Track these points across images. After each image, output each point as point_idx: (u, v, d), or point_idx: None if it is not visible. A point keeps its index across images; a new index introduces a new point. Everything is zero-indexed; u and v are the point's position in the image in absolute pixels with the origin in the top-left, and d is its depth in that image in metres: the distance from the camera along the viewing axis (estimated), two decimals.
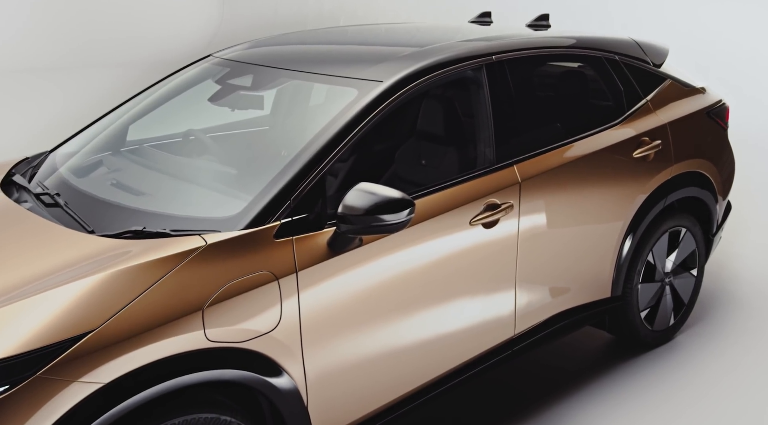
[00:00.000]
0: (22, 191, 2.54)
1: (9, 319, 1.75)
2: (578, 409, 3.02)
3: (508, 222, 2.68)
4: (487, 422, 2.94)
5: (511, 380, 3.25)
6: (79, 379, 1.72)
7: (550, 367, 3.36)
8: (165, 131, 3.08)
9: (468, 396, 3.12)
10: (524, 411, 3.01)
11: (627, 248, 3.19)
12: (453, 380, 2.64)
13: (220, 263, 1.98)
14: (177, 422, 1.91)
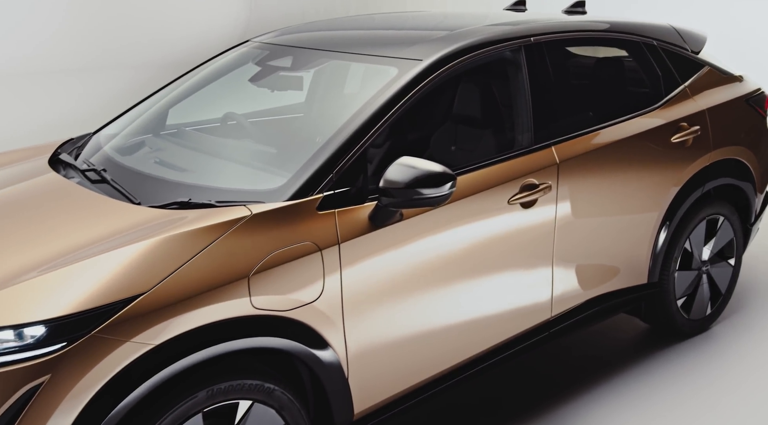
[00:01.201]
0: (69, 168, 2.60)
1: (65, 281, 1.80)
2: (610, 397, 2.99)
3: (546, 203, 2.68)
4: (517, 407, 2.93)
5: (543, 366, 3.24)
6: (131, 339, 1.76)
7: (583, 354, 3.34)
8: (205, 114, 3.13)
9: (498, 380, 3.11)
10: (555, 396, 2.99)
11: (664, 234, 3.17)
12: (489, 360, 2.64)
13: (265, 233, 2.01)
14: (223, 387, 1.94)
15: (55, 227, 2.09)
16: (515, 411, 2.89)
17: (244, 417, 2.01)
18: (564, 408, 2.92)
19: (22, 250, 1.95)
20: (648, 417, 2.87)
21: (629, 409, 2.92)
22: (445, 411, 2.91)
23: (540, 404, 2.94)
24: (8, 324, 1.70)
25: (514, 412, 2.89)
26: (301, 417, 2.13)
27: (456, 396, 2.98)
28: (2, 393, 1.66)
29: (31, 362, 1.68)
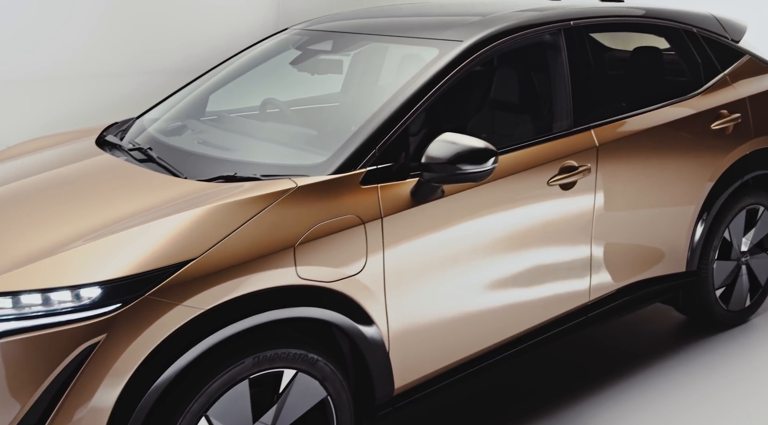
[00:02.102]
0: (115, 148, 2.67)
1: (119, 245, 1.85)
2: (643, 387, 2.96)
3: (586, 185, 2.67)
4: (549, 394, 2.92)
5: (576, 355, 3.22)
6: (182, 303, 1.80)
7: (616, 345, 3.32)
8: (245, 100, 3.18)
9: (530, 368, 3.11)
10: (587, 386, 2.97)
11: (702, 223, 3.14)
12: (528, 341, 2.64)
13: (310, 205, 2.04)
14: (269, 355, 1.98)
15: (108, 198, 2.15)
16: (547, 399, 2.88)
17: (288, 386, 2.04)
18: (595, 397, 2.89)
19: (77, 218, 2.01)
20: (682, 408, 2.82)
21: (662, 399, 2.88)
22: (477, 397, 2.92)
23: (571, 393, 2.92)
24: (66, 284, 1.75)
25: (546, 400, 2.87)
26: (343, 389, 2.15)
27: (488, 383, 2.98)
28: (61, 351, 1.72)
29: (87, 321, 1.73)
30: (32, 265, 1.81)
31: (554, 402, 2.86)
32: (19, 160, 2.67)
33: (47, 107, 5.42)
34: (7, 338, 1.71)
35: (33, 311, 1.73)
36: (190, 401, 1.85)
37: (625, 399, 2.88)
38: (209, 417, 1.90)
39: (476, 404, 2.86)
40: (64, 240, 1.89)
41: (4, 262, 1.84)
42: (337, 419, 2.16)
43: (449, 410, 2.82)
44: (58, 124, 4.47)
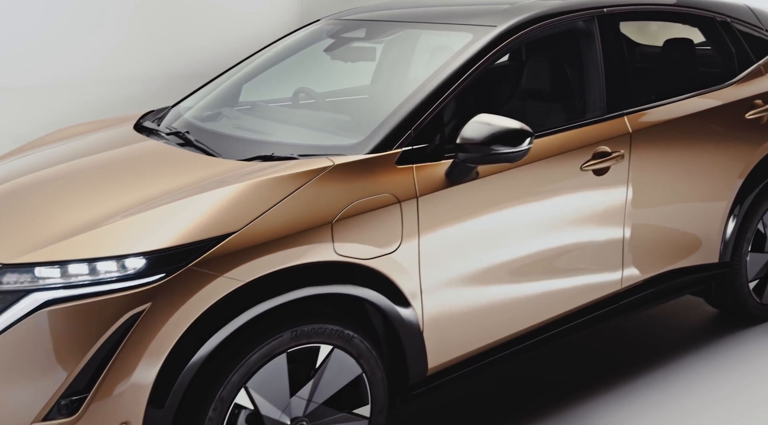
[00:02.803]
0: (153, 133, 2.72)
1: (163, 218, 1.89)
2: (670, 379, 2.92)
3: (619, 171, 2.67)
4: (577, 384, 2.90)
5: (605, 346, 3.20)
6: (224, 274, 1.83)
7: (647, 336, 3.29)
8: (279, 90, 3.22)
9: (559, 357, 3.10)
10: (615, 376, 2.94)
11: (736, 213, 3.11)
12: (560, 327, 2.64)
13: (347, 183, 2.07)
14: (306, 329, 2.00)
15: (149, 176, 2.19)
16: (574, 389, 2.86)
17: (324, 361, 2.06)
18: (622, 388, 2.86)
19: (120, 195, 2.06)
20: (708, 402, 2.77)
21: (689, 393, 2.83)
22: (505, 385, 2.92)
23: (599, 383, 2.89)
24: (112, 254, 1.80)
25: (573, 390, 2.85)
26: (377, 367, 2.17)
27: (516, 371, 2.98)
28: (107, 319, 1.76)
29: (132, 291, 1.77)
30: (79, 236, 1.86)
31: (581, 392, 2.84)
32: (61, 144, 2.73)
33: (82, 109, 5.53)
34: (54, 306, 1.76)
35: (80, 281, 1.78)
36: (230, 372, 1.88)
37: (652, 391, 2.85)
38: (248, 388, 1.93)
39: (504, 392, 2.86)
40: (108, 214, 1.94)
41: (53, 234, 1.89)
42: (372, 397, 2.18)
43: (478, 398, 2.82)
44: None
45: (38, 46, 4.89)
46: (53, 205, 2.07)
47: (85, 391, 1.76)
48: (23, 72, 4.91)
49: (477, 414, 2.72)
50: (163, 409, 1.82)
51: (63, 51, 5.15)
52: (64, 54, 5.17)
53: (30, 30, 4.65)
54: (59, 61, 5.09)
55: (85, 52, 5.44)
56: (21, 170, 2.39)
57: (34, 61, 5.02)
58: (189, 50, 6.64)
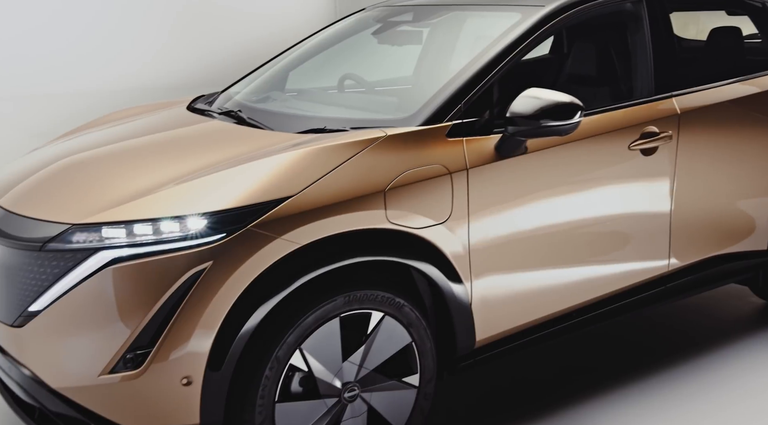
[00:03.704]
0: (205, 114, 2.80)
1: (224, 182, 1.96)
2: (707, 370, 2.87)
3: (667, 152, 2.66)
4: (610, 372, 2.88)
5: (642, 336, 3.18)
6: (281, 236, 1.89)
7: (685, 326, 3.25)
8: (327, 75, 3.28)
9: (595, 345, 3.08)
10: (651, 365, 2.91)
11: None
12: (607, 306, 2.63)
13: (399, 153, 2.11)
14: (359, 295, 2.04)
15: (208, 147, 2.27)
16: (607, 377, 2.84)
17: (375, 328, 2.10)
18: (658, 377, 2.82)
19: (181, 162, 2.13)
20: (741, 396, 2.71)
21: (727, 384, 2.78)
22: (540, 371, 2.92)
23: (634, 372, 2.86)
24: (175, 215, 1.86)
25: (606, 377, 2.83)
26: (426, 336, 2.20)
27: (550, 357, 2.98)
28: (170, 276, 1.82)
29: (194, 250, 1.83)
30: (143, 198, 1.93)
31: (614, 380, 2.81)
32: (119, 124, 2.83)
33: None
34: (120, 263, 1.83)
35: (144, 240, 1.85)
36: (286, 332, 1.93)
37: (689, 382, 2.79)
38: (303, 350, 1.98)
39: (537, 377, 2.87)
40: (170, 179, 2.00)
41: (118, 197, 1.96)
42: (421, 366, 2.21)
43: (511, 383, 2.83)
44: None
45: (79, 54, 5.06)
46: (118, 173, 2.15)
47: (149, 346, 1.83)
48: (69, 79, 5.10)
49: (505, 399, 2.72)
50: (222, 368, 1.87)
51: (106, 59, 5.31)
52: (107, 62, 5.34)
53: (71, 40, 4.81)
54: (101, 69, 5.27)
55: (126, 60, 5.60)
56: (84, 146, 2.48)
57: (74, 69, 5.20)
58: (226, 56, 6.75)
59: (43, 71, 4.76)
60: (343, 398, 2.07)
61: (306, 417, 2.02)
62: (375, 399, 2.14)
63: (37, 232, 1.95)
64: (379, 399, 2.15)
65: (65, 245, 1.88)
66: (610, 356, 3.02)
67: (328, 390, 2.05)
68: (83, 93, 5.36)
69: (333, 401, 2.06)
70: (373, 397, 2.13)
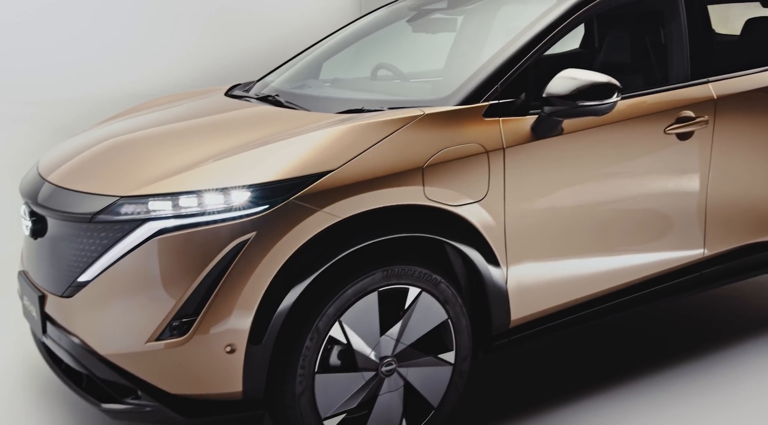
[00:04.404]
0: (243, 100, 2.86)
1: (267, 156, 2.01)
2: (729, 364, 2.82)
3: (703, 136, 2.65)
4: (622, 367, 2.86)
5: (663, 329, 3.16)
6: (322, 209, 1.93)
7: (710, 316, 3.22)
8: (361, 65, 3.32)
9: (618, 336, 3.07)
10: (674, 357, 2.89)
11: None
12: (642, 290, 2.63)
13: (437, 131, 2.14)
14: (396, 270, 2.07)
15: (250, 126, 2.32)
16: (629, 367, 2.82)
17: (412, 304, 2.12)
18: (676, 369, 2.79)
19: (224, 140, 2.18)
20: (761, 392, 2.66)
21: (749, 379, 2.74)
22: (563, 357, 2.91)
23: (647, 365, 2.83)
24: (219, 187, 1.91)
25: (627, 368, 2.82)
26: (462, 314, 2.22)
27: (569, 346, 2.98)
28: (215, 245, 1.87)
29: (238, 220, 1.88)
30: (189, 172, 1.98)
31: (635, 371, 2.78)
32: (159, 110, 2.90)
33: None
34: (167, 234, 1.89)
35: (190, 211, 1.90)
36: (326, 304, 1.97)
37: (714, 374, 2.76)
38: (342, 323, 2.01)
39: (562, 364, 2.87)
40: (214, 154, 2.06)
41: (165, 171, 2.02)
42: (457, 343, 2.23)
43: (529, 371, 2.83)
44: None
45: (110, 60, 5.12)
46: (163, 151, 2.21)
47: (194, 314, 1.88)
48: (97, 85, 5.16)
49: (522, 388, 2.71)
50: (264, 339, 1.91)
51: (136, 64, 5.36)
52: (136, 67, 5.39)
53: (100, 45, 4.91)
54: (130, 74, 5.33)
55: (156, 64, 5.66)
56: (128, 128, 2.55)
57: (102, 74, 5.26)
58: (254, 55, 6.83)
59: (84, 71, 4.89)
60: (380, 372, 2.10)
61: (344, 389, 2.06)
62: (411, 374, 2.16)
63: (86, 205, 2.01)
64: (416, 375, 2.17)
65: (114, 216, 1.94)
66: (633, 347, 3.00)
67: (365, 363, 2.08)
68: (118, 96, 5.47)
69: (370, 374, 2.09)
70: (409, 372, 2.16)
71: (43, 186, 2.22)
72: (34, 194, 2.23)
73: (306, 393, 1.99)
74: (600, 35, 3.30)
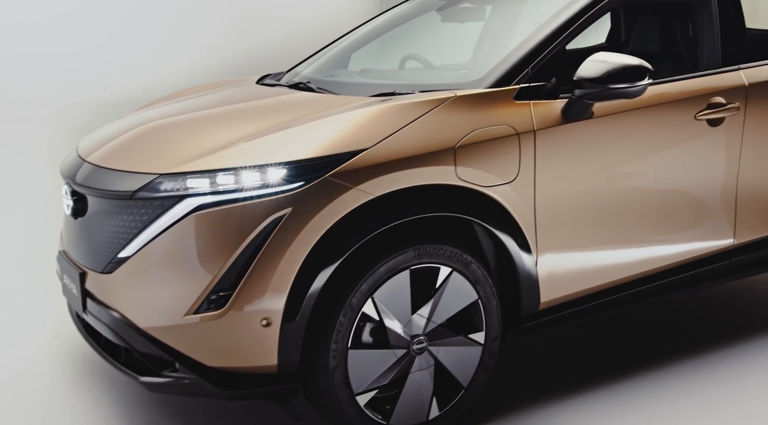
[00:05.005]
0: (275, 87, 2.91)
1: (303, 135, 2.06)
2: (747, 357, 2.79)
3: (734, 123, 2.64)
4: (635, 358, 2.84)
5: (677, 319, 3.15)
6: (356, 187, 1.96)
7: (727, 315, 3.19)
8: (389, 56, 3.36)
9: (637, 327, 3.05)
10: (688, 350, 2.87)
11: None
12: (672, 277, 2.62)
13: (468, 112, 2.17)
14: (428, 249, 2.10)
15: (284, 108, 2.37)
16: (644, 357, 2.81)
17: (443, 283, 2.15)
18: (693, 361, 2.78)
19: (259, 121, 2.23)
20: None
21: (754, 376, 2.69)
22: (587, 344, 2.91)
23: (663, 356, 2.81)
24: (256, 163, 1.96)
25: (643, 357, 2.81)
26: (492, 295, 2.24)
27: (587, 336, 2.98)
28: (252, 221, 1.91)
29: (274, 196, 1.92)
30: (226, 150, 2.03)
31: (650, 362, 2.77)
32: (193, 97, 2.96)
33: None
34: (205, 210, 1.93)
35: (227, 188, 1.95)
36: (360, 280, 2.01)
37: (715, 370, 2.72)
38: (375, 299, 2.04)
39: (585, 350, 2.87)
40: (250, 134, 2.11)
41: (203, 150, 2.07)
42: (486, 324, 2.25)
43: (548, 358, 2.83)
44: None
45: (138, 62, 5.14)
46: (200, 133, 2.26)
47: (231, 289, 1.92)
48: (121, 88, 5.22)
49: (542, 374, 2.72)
50: (299, 314, 1.95)
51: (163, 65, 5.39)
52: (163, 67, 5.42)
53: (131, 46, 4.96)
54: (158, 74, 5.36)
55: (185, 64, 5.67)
56: (163, 114, 2.61)
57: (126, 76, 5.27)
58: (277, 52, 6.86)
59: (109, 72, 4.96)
60: (411, 349, 2.13)
61: (376, 366, 2.09)
62: (442, 353, 2.19)
63: (126, 183, 2.07)
64: (446, 354, 2.20)
65: (153, 193, 2.00)
66: (652, 338, 2.99)
67: (397, 340, 2.11)
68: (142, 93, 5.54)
69: (402, 352, 2.12)
70: (440, 351, 2.18)
71: (83, 166, 2.29)
72: (74, 174, 2.29)
73: (339, 368, 2.03)
74: (627, 27, 3.30)
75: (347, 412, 2.07)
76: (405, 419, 2.16)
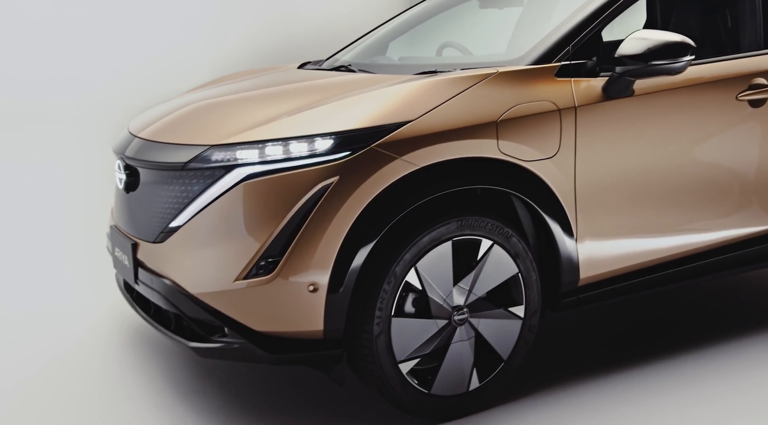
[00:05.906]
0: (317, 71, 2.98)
1: (350, 107, 2.12)
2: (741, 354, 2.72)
3: None
4: (687, 335, 2.84)
5: (718, 303, 3.13)
6: (401, 157, 2.01)
7: (737, 302, 3.17)
8: (427, 44, 3.41)
9: (674, 308, 3.03)
10: (699, 344, 2.82)
11: None
12: (712, 257, 2.61)
13: (510, 88, 2.20)
14: (470, 221, 2.14)
15: (329, 86, 2.43)
16: (686, 337, 2.81)
17: (484, 255, 2.18)
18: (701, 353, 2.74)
19: (308, 97, 2.29)
20: None
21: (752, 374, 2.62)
22: None
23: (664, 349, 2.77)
24: (304, 134, 2.02)
25: (685, 338, 2.81)
26: (532, 269, 2.26)
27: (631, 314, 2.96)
28: (300, 189, 1.97)
29: (322, 165, 1.98)
30: (275, 122, 2.10)
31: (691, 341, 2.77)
32: (235, 82, 3.04)
33: None
34: (254, 179, 2.00)
35: (275, 158, 2.01)
36: (403, 249, 2.05)
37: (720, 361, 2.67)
38: (418, 269, 2.08)
39: (616, 335, 2.86)
40: (296, 108, 2.17)
41: (253, 123, 2.13)
42: (526, 298, 2.27)
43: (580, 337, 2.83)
44: None
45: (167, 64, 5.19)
46: (249, 108, 2.33)
47: (279, 255, 1.98)
48: None
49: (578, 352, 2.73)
50: (344, 281, 2.00)
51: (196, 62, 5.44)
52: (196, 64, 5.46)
53: None
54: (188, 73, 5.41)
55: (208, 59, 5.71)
56: (211, 95, 2.69)
57: None
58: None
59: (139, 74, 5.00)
60: (452, 320, 2.17)
61: (419, 335, 2.13)
62: (482, 325, 2.22)
63: (178, 155, 2.15)
64: (486, 326, 2.23)
65: (204, 164, 2.07)
66: (690, 317, 2.98)
67: (439, 311, 2.15)
68: None
69: (443, 323, 2.16)
70: (480, 323, 2.21)
71: (134, 141, 2.37)
72: (126, 149, 2.38)
73: (383, 335, 2.07)
74: (663, 16, 3.30)
75: (390, 379, 2.11)
76: (446, 389, 2.20)
